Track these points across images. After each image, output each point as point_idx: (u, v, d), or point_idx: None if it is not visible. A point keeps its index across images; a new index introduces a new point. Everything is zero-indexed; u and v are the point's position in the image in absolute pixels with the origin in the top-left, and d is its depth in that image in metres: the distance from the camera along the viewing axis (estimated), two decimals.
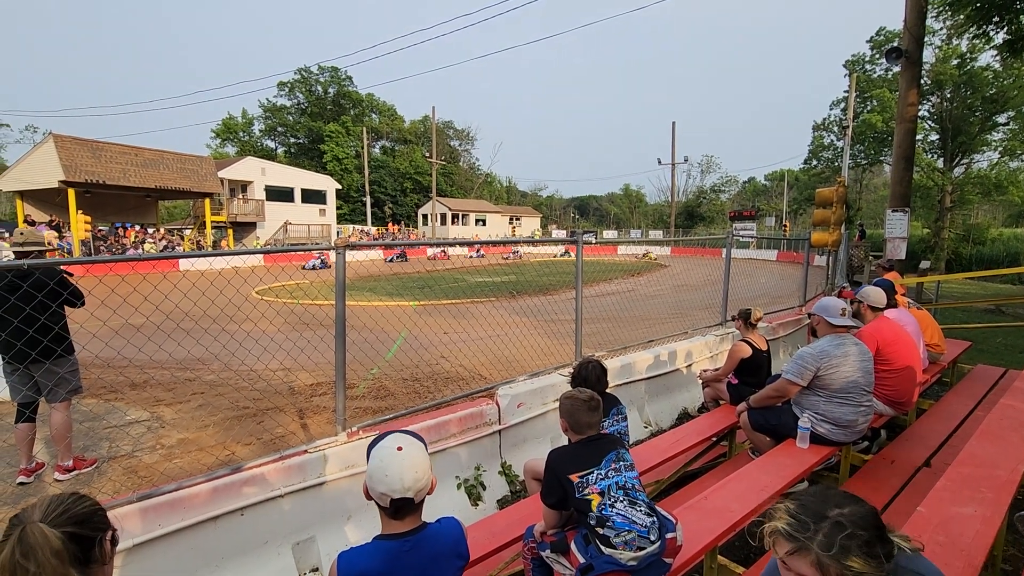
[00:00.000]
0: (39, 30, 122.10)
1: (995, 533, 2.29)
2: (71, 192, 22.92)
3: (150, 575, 2.55)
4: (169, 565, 2.62)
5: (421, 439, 1.70)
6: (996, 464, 2.84)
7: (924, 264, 20.58)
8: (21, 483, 4.02)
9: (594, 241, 5.28)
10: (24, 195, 25.08)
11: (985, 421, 3.51)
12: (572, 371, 3.14)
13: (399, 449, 1.58)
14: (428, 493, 1.62)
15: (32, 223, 24.63)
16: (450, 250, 37.99)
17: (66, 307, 4.07)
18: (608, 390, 3.19)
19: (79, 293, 4.07)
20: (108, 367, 6.71)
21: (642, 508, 2.13)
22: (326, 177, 42.86)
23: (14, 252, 4.03)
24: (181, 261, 23.43)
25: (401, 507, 1.56)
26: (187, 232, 31.58)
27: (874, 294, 4.30)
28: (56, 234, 24.35)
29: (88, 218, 22.83)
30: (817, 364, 3.37)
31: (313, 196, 39.76)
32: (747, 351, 4.38)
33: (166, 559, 2.61)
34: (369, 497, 1.61)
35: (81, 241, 22.83)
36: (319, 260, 25.92)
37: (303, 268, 25.42)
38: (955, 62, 29.44)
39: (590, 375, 3.07)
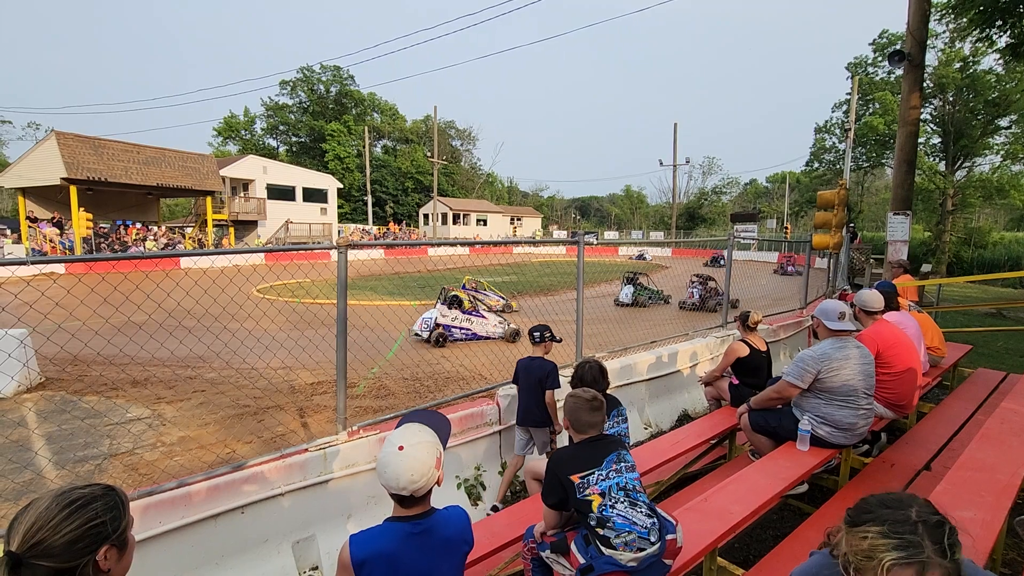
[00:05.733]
0: (42, 27, 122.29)
1: (995, 537, 2.29)
2: (73, 189, 22.92)
3: (152, 572, 2.55)
4: (170, 562, 2.62)
5: (437, 428, 1.73)
6: (996, 468, 2.84)
7: (925, 267, 20.57)
8: None
9: (595, 242, 5.29)
10: (26, 192, 25.08)
11: (985, 425, 3.51)
12: (572, 372, 3.15)
13: (400, 449, 1.60)
14: (437, 484, 1.66)
15: (34, 220, 24.68)
16: (450, 250, 37.93)
17: None
18: (609, 391, 3.19)
19: None
20: (110, 364, 6.72)
21: (643, 509, 2.13)
22: (328, 176, 42.84)
23: None
24: (183, 259, 23.49)
25: (403, 499, 1.62)
26: (188, 230, 31.58)
27: (868, 298, 4.26)
28: (58, 231, 24.39)
29: (90, 215, 22.83)
30: (818, 367, 3.37)
31: (314, 195, 39.74)
32: (744, 350, 4.38)
33: (167, 556, 2.62)
34: None
35: (83, 238, 22.84)
36: None
37: None
38: (958, 65, 29.43)
39: (587, 375, 3.08)
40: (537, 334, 4.11)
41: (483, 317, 9.46)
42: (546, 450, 3.98)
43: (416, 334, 9.30)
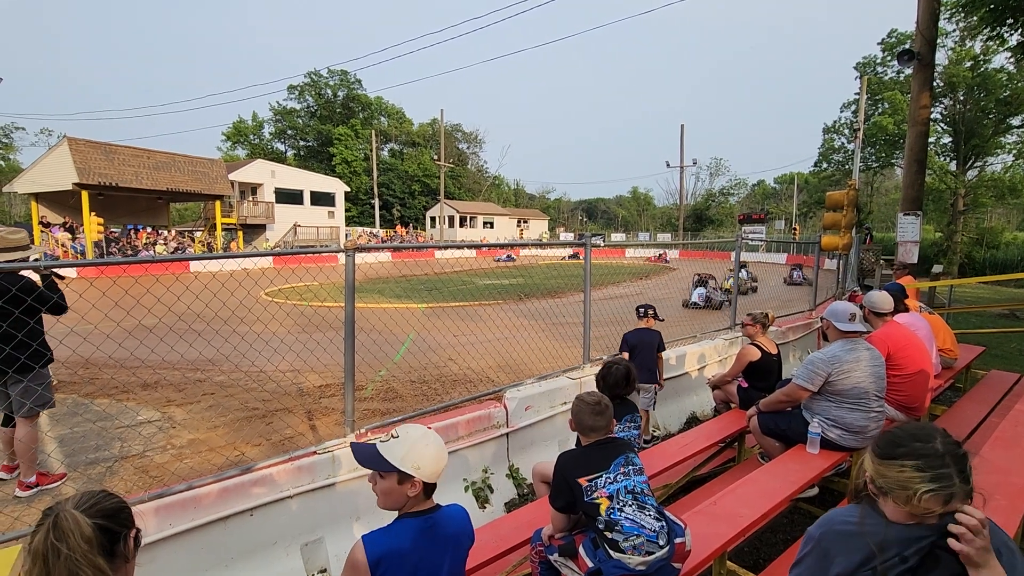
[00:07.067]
0: (54, 34, 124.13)
1: None
2: (84, 194, 23.19)
3: (161, 573, 2.57)
4: (180, 564, 2.64)
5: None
6: (1010, 471, 2.80)
7: (937, 268, 20.37)
8: (17, 496, 3.74)
9: (602, 244, 5.36)
10: (39, 197, 25.42)
11: (999, 427, 3.47)
12: (599, 370, 3.18)
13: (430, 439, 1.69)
14: None
15: (46, 225, 25.00)
16: (457, 252, 38.09)
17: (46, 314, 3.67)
18: None
19: (47, 299, 3.61)
20: (121, 367, 6.79)
21: (651, 512, 2.12)
22: (335, 180, 43.11)
23: None
24: (192, 263, 23.70)
25: (428, 489, 1.68)
26: (198, 234, 31.87)
27: (877, 299, 4.23)
28: (70, 236, 24.69)
29: (101, 220, 23.11)
30: (828, 369, 3.34)
31: (322, 198, 40.00)
32: (756, 354, 4.36)
33: (177, 558, 2.63)
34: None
35: (94, 243, 23.12)
36: None
37: None
38: (968, 64, 29.17)
39: (610, 377, 3.08)
40: (641, 310, 5.23)
41: (717, 291, 14.78)
42: (651, 405, 4.99)
43: (695, 303, 13.67)
